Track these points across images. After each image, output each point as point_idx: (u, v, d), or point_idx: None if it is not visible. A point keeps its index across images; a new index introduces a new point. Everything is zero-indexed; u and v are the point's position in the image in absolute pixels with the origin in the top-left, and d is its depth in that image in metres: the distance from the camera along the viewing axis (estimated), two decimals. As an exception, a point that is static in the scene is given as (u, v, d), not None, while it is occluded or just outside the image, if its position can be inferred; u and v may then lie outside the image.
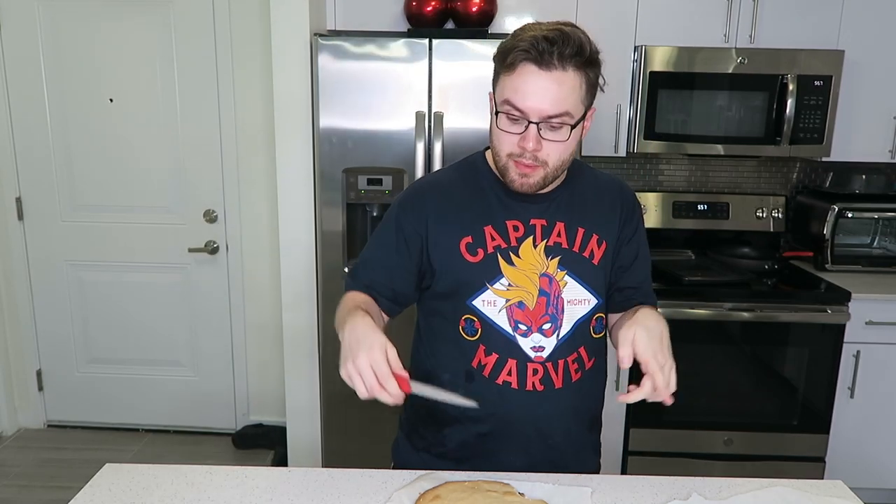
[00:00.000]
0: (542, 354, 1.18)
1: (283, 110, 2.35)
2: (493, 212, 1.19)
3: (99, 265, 2.99)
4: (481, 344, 1.18)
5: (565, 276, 1.19)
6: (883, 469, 2.55)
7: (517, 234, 1.18)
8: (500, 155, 1.13)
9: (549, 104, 1.06)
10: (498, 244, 1.17)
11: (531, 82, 1.06)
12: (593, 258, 1.21)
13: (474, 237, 1.18)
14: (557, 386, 1.20)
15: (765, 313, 2.40)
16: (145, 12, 2.75)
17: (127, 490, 1.10)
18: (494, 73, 1.13)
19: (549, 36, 1.04)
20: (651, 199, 2.87)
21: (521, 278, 1.17)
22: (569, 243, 1.20)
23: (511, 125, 1.09)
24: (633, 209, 1.30)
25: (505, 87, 1.09)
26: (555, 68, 1.05)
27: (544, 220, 1.19)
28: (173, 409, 3.10)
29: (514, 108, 1.07)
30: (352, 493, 1.10)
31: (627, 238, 1.27)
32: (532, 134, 1.07)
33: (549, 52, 1.04)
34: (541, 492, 1.11)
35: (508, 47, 1.08)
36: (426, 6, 2.40)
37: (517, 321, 1.17)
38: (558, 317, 1.19)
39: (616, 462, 2.55)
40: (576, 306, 1.20)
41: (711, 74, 2.46)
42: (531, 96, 1.06)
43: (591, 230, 1.22)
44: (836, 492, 1.15)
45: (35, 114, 2.85)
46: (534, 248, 1.18)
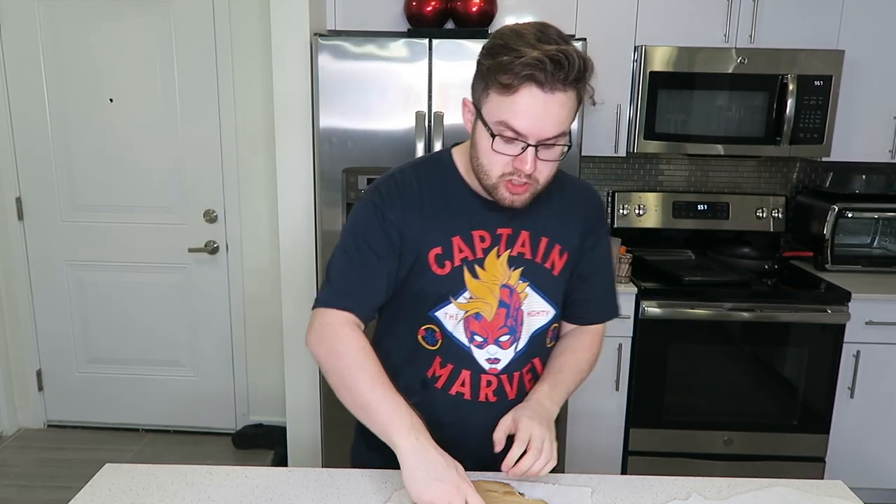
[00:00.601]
0: (496, 367, 1.18)
1: (283, 110, 2.35)
2: (461, 221, 1.15)
3: (99, 265, 2.99)
4: (438, 355, 1.17)
5: (527, 287, 1.18)
6: (883, 469, 2.55)
7: (483, 244, 1.15)
8: (490, 175, 1.07)
9: (550, 127, 1.02)
10: (465, 256, 1.14)
11: (534, 106, 1.00)
12: (554, 269, 1.20)
13: (444, 248, 1.14)
14: (511, 397, 1.20)
15: (765, 313, 2.40)
16: (145, 12, 2.75)
17: (127, 490, 1.10)
18: (482, 85, 1.04)
19: (555, 58, 0.97)
20: (651, 199, 2.87)
21: (483, 290, 1.15)
22: (532, 254, 1.18)
23: (506, 146, 1.03)
24: (597, 218, 1.26)
25: (501, 107, 1.02)
26: (559, 91, 1.00)
27: (510, 228, 1.16)
28: (173, 409, 3.10)
29: (513, 130, 1.02)
30: (352, 493, 1.10)
31: (589, 248, 1.24)
32: (530, 156, 1.03)
33: (553, 76, 0.98)
34: (541, 492, 1.11)
35: (505, 65, 0.99)
36: (426, 6, 2.40)
37: (473, 332, 1.16)
38: (517, 329, 1.18)
39: (616, 462, 2.55)
40: (534, 318, 1.19)
41: (711, 74, 2.46)
42: (533, 120, 1.01)
43: (555, 240, 1.19)
44: (836, 492, 1.15)
45: (35, 114, 2.85)
46: (497, 259, 1.15)
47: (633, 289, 2.42)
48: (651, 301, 2.40)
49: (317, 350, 1.12)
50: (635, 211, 2.86)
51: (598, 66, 2.72)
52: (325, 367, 1.11)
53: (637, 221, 2.86)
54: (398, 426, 1.01)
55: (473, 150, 1.10)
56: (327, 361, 1.10)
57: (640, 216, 2.86)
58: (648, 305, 2.39)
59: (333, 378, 1.10)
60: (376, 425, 1.03)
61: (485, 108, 1.05)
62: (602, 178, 2.96)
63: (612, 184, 2.95)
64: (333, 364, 1.09)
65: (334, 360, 1.09)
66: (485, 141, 1.05)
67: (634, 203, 2.86)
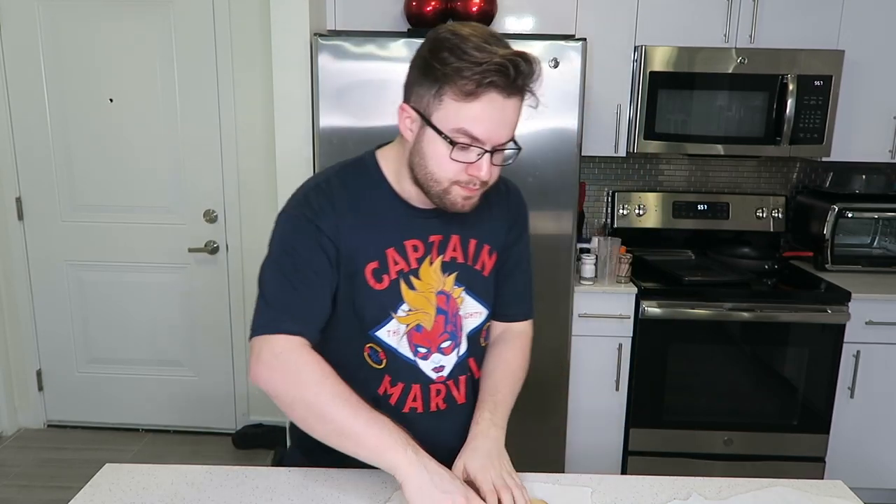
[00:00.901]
0: (443, 374, 1.17)
1: (283, 110, 2.35)
2: (393, 232, 1.11)
3: (99, 265, 2.99)
4: (387, 374, 1.14)
5: (462, 292, 1.17)
6: (883, 469, 2.55)
7: (417, 254, 1.12)
8: (441, 181, 1.03)
9: (506, 133, 1.01)
10: (401, 268, 1.11)
11: (493, 112, 0.98)
12: (485, 269, 1.19)
13: (380, 262, 1.10)
14: (460, 402, 1.20)
15: (765, 313, 2.40)
16: (145, 12, 2.75)
17: (127, 490, 1.10)
18: (432, 91, 0.99)
19: (516, 62, 0.96)
20: (651, 199, 2.87)
21: (420, 301, 1.13)
22: (464, 257, 1.16)
23: (461, 154, 1.00)
24: (518, 213, 1.25)
25: (459, 114, 0.97)
26: (515, 96, 0.99)
27: (441, 234, 1.14)
28: (173, 409, 3.10)
29: (472, 137, 0.99)
30: (352, 493, 1.10)
31: (511, 244, 1.24)
32: (486, 163, 1.01)
33: (514, 81, 0.97)
34: (541, 492, 1.11)
35: (464, 71, 0.95)
36: (426, 6, 2.40)
37: (417, 345, 1.14)
38: (457, 334, 1.17)
39: (616, 462, 2.55)
40: (469, 319, 1.19)
41: (711, 74, 2.46)
42: (493, 126, 0.99)
43: (483, 240, 1.18)
44: (836, 492, 1.14)
45: (35, 114, 2.85)
46: (431, 266, 1.13)
47: (633, 289, 2.42)
48: (651, 301, 2.40)
49: (273, 383, 1.02)
50: (635, 211, 2.86)
51: (597, 66, 2.72)
52: (287, 399, 1.02)
53: (637, 221, 2.86)
54: (393, 446, 0.97)
55: (418, 158, 1.04)
56: (289, 394, 1.01)
57: (640, 216, 2.86)
58: (648, 305, 2.39)
59: (299, 410, 1.02)
60: (365, 450, 0.98)
61: (437, 114, 1.00)
62: (602, 178, 2.96)
63: (612, 184, 2.96)
64: (299, 395, 1.01)
65: (299, 390, 1.01)
66: (439, 149, 1.01)
67: (634, 203, 2.86)
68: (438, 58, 0.98)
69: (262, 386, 1.03)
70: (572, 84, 2.19)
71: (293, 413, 1.03)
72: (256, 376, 1.04)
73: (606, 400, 2.50)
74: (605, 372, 2.47)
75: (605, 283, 2.46)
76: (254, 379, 1.04)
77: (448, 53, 0.97)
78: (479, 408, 1.15)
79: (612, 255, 2.47)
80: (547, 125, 2.22)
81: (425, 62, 1.00)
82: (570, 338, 2.40)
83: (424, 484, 0.95)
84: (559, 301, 2.36)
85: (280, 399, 1.03)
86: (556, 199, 2.28)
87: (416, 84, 1.03)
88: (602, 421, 2.52)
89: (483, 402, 1.16)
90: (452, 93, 0.97)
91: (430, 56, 0.99)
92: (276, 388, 1.02)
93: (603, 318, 2.43)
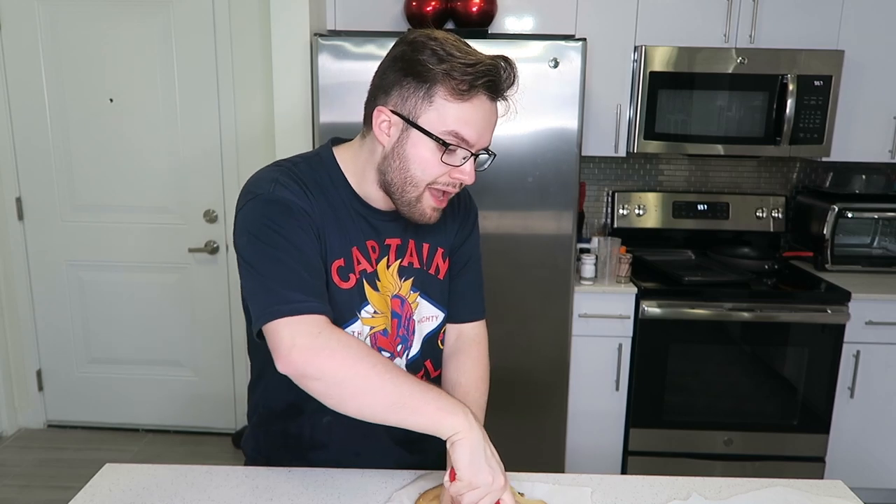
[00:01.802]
0: None
1: (283, 110, 2.35)
2: (355, 231, 1.08)
3: (99, 265, 2.99)
4: None
5: (418, 297, 1.16)
6: (883, 469, 2.55)
7: (375, 255, 1.11)
8: (419, 186, 1.02)
9: (490, 136, 1.02)
10: (364, 268, 1.09)
11: (484, 114, 0.99)
12: (439, 273, 1.19)
13: (346, 260, 1.07)
14: None
15: (765, 313, 2.40)
16: (145, 12, 2.75)
17: (127, 490, 1.10)
18: (421, 92, 0.97)
19: (503, 66, 0.97)
20: (651, 199, 2.87)
21: (382, 303, 1.12)
22: (420, 262, 1.16)
23: (449, 157, 1.00)
24: (467, 213, 1.24)
25: (449, 115, 0.96)
26: (501, 99, 1.01)
27: (398, 238, 1.13)
28: (173, 409, 3.10)
29: (462, 140, 0.98)
30: (352, 493, 1.10)
31: (460, 243, 1.23)
32: (471, 166, 1.01)
33: (503, 84, 0.98)
34: (541, 491, 1.11)
35: (457, 69, 0.95)
36: (426, 6, 2.40)
37: (381, 348, 1.12)
38: (409, 338, 1.16)
39: (616, 462, 2.55)
40: (424, 324, 1.18)
41: (711, 74, 2.46)
42: (482, 129, 0.99)
43: (436, 244, 1.18)
44: (836, 492, 1.14)
45: (35, 114, 2.85)
46: (388, 269, 1.12)
47: (633, 289, 2.42)
48: (651, 301, 2.40)
49: (319, 365, 0.94)
50: (635, 211, 2.86)
51: (598, 66, 2.72)
52: (337, 378, 0.94)
53: (637, 221, 2.86)
54: (453, 410, 0.94)
55: (398, 163, 1.01)
56: (341, 372, 0.94)
57: (640, 216, 2.86)
58: (648, 305, 2.39)
59: (351, 387, 0.94)
60: (424, 418, 0.94)
61: (425, 116, 0.98)
62: (602, 178, 2.96)
63: (612, 184, 2.96)
64: (352, 372, 0.94)
65: (352, 366, 0.94)
66: (425, 152, 0.99)
67: (634, 203, 2.86)
68: (425, 58, 0.96)
69: (303, 369, 0.94)
70: (572, 84, 2.19)
71: (343, 391, 0.95)
72: (292, 362, 0.93)
73: (606, 400, 2.50)
74: (605, 372, 2.47)
75: (605, 283, 2.46)
76: (287, 366, 0.94)
77: (432, 53, 0.96)
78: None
79: (612, 255, 2.47)
80: (547, 125, 2.22)
81: (411, 63, 0.98)
82: (570, 338, 2.41)
83: (478, 450, 0.93)
84: (559, 301, 2.36)
85: (327, 380, 0.94)
86: (556, 199, 2.28)
87: (397, 86, 1.00)
88: (602, 421, 2.52)
89: None
90: (445, 92, 0.96)
91: (416, 56, 0.97)
92: (324, 369, 0.94)
93: (603, 318, 2.43)
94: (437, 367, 1.24)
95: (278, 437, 1.20)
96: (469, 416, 0.95)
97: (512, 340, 2.35)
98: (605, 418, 2.52)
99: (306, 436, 1.18)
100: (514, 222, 2.30)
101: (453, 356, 1.23)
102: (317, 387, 0.96)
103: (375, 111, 1.02)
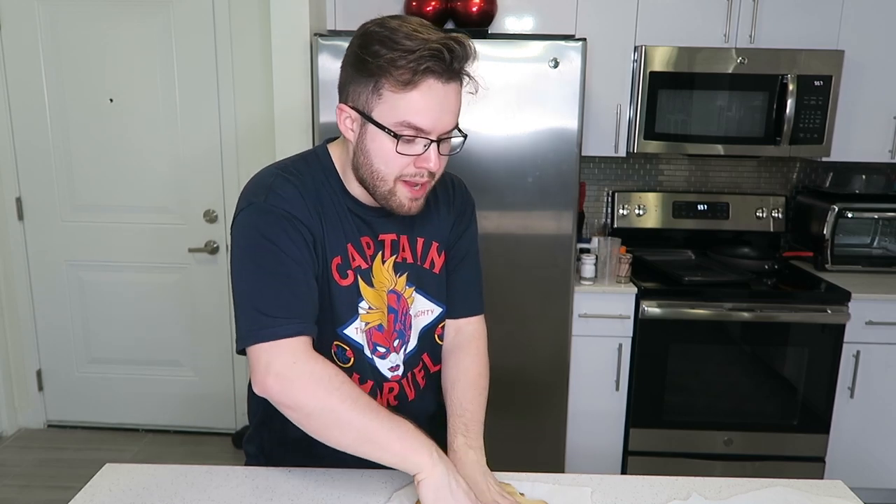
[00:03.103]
0: (398, 374, 1.17)
1: (283, 110, 2.35)
2: (350, 228, 1.09)
3: (99, 265, 2.99)
4: (355, 372, 1.12)
5: (413, 292, 1.16)
6: (883, 469, 2.55)
7: (370, 251, 1.11)
8: (387, 179, 1.01)
9: (450, 120, 0.99)
10: (359, 265, 1.10)
11: (435, 99, 0.96)
12: (434, 267, 1.19)
13: (342, 257, 1.08)
14: (411, 398, 1.20)
15: (765, 313, 2.40)
16: (145, 12, 2.75)
17: (127, 490, 1.10)
18: (370, 87, 0.97)
19: (450, 46, 0.94)
20: (651, 199, 2.87)
21: (377, 299, 1.12)
22: (414, 257, 1.16)
23: (407, 147, 0.98)
24: (464, 208, 1.23)
25: (399, 106, 0.96)
26: (454, 80, 0.97)
27: (392, 234, 1.13)
28: (173, 409, 3.10)
29: (415, 128, 0.97)
30: (352, 493, 1.10)
31: (457, 238, 1.22)
32: (434, 153, 0.99)
33: (451, 65, 0.95)
34: (541, 492, 1.11)
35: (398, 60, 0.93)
36: (426, 6, 2.40)
37: (377, 344, 1.13)
38: (406, 332, 1.17)
39: (616, 462, 2.55)
40: (420, 318, 1.19)
41: (711, 74, 2.46)
42: (436, 114, 0.97)
43: (431, 238, 1.18)
44: (836, 492, 1.14)
45: (35, 114, 2.85)
46: (383, 265, 1.12)
47: (633, 289, 2.42)
48: (651, 301, 2.40)
49: (293, 395, 0.96)
50: (635, 211, 2.86)
51: (598, 66, 2.72)
52: (308, 409, 0.97)
53: (637, 221, 2.86)
54: (418, 449, 0.97)
55: (363, 158, 1.02)
56: (312, 403, 0.96)
57: (640, 216, 2.86)
58: (648, 305, 2.39)
59: (322, 419, 0.97)
60: (389, 454, 0.97)
61: (377, 110, 0.98)
62: (602, 178, 2.96)
63: (612, 184, 2.96)
64: (323, 404, 0.96)
65: (325, 399, 0.96)
66: (384, 145, 0.99)
67: (634, 203, 2.86)
68: (370, 51, 0.96)
69: (277, 398, 0.98)
70: (572, 84, 2.19)
71: (314, 422, 0.98)
72: (267, 389, 0.97)
73: (606, 400, 2.50)
74: (605, 372, 2.47)
75: (605, 284, 2.46)
76: (263, 391, 0.98)
77: (379, 46, 0.95)
78: (451, 432, 1.13)
79: (612, 255, 2.47)
80: (547, 125, 2.22)
81: (357, 58, 0.98)
82: (570, 338, 2.41)
83: (442, 487, 0.95)
84: (559, 301, 2.36)
85: (300, 410, 0.97)
86: (556, 199, 2.28)
87: (351, 82, 1.01)
88: (602, 421, 2.52)
89: (453, 426, 1.14)
90: (390, 84, 0.96)
91: (361, 51, 0.98)
92: (297, 400, 0.97)
93: (603, 318, 2.43)
94: (436, 362, 1.24)
95: (281, 436, 1.20)
96: (433, 454, 0.97)
97: (512, 340, 2.35)
98: (605, 418, 2.52)
99: (308, 434, 1.17)
100: (514, 222, 2.30)
101: (452, 353, 1.23)
102: (290, 414, 0.99)
103: (337, 108, 1.04)
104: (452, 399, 1.17)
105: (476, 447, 1.11)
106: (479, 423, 1.16)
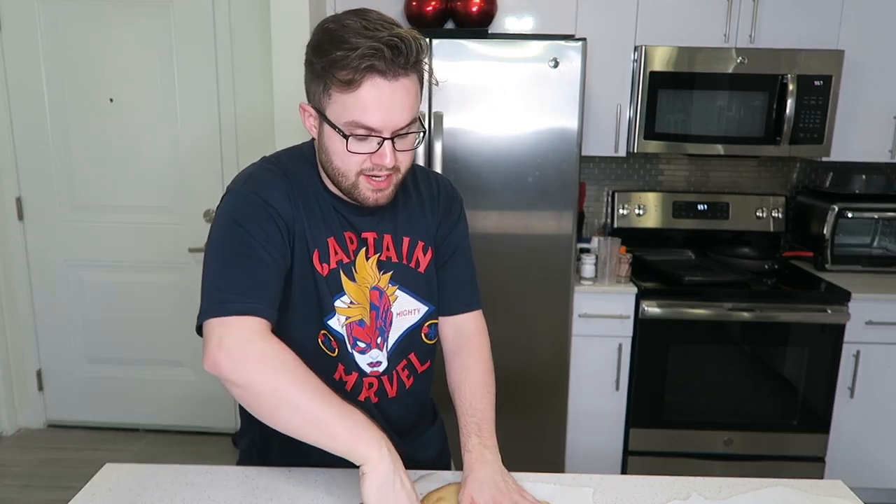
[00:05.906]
0: (378, 370, 1.16)
1: (283, 110, 2.35)
2: (332, 222, 1.10)
3: (99, 265, 2.99)
4: (340, 363, 1.13)
5: (396, 290, 1.16)
6: (883, 469, 2.55)
7: (353, 246, 1.11)
8: (348, 175, 1.02)
9: (401, 116, 0.98)
10: (340, 258, 1.10)
11: (380, 97, 0.96)
12: (420, 266, 1.19)
13: (321, 250, 1.08)
14: (391, 395, 1.19)
15: (765, 313, 2.40)
16: (145, 12, 2.75)
17: (127, 490, 1.10)
18: (320, 87, 0.98)
19: (391, 43, 0.93)
20: (651, 199, 2.87)
21: (359, 294, 1.12)
22: (398, 256, 1.16)
23: (361, 144, 0.99)
24: (450, 204, 1.23)
25: (347, 105, 0.96)
26: (402, 77, 0.97)
27: (375, 232, 1.13)
28: (173, 409, 3.10)
29: (365, 127, 0.97)
30: (352, 493, 1.10)
31: (445, 234, 1.22)
32: (388, 150, 0.99)
33: (393, 62, 0.94)
34: (543, 492, 1.11)
35: (340, 61, 0.93)
36: (426, 6, 2.40)
37: (356, 338, 1.13)
38: (386, 329, 1.16)
39: (616, 462, 2.55)
40: (404, 317, 1.18)
41: (711, 74, 2.46)
42: (384, 112, 0.96)
43: (416, 237, 1.18)
44: (836, 492, 1.14)
45: (35, 114, 2.85)
46: (367, 261, 1.13)
47: (633, 289, 2.42)
48: (651, 301, 2.40)
49: (242, 372, 0.94)
50: (635, 211, 2.86)
51: (598, 66, 2.72)
52: (256, 389, 0.95)
53: (637, 221, 2.86)
54: (367, 440, 0.94)
55: (324, 156, 1.04)
56: (260, 383, 0.95)
57: (640, 216, 2.86)
58: (648, 305, 2.39)
59: (270, 400, 0.95)
60: (336, 442, 0.94)
61: (329, 109, 0.99)
62: (602, 178, 2.96)
63: (612, 184, 2.96)
64: (272, 385, 0.94)
65: (274, 380, 0.94)
66: (337, 144, 1.00)
67: (634, 203, 2.86)
68: (318, 51, 0.97)
69: (226, 374, 0.95)
70: (572, 84, 2.19)
71: (262, 402, 0.96)
72: (218, 364, 0.96)
73: (606, 400, 2.50)
74: (605, 372, 2.47)
75: (605, 283, 2.46)
76: (214, 367, 0.96)
77: (328, 44, 0.96)
78: (464, 433, 1.13)
79: (612, 255, 2.47)
80: (547, 125, 2.22)
81: (308, 60, 0.99)
82: (571, 338, 2.41)
83: (386, 483, 0.93)
84: (559, 301, 2.36)
85: (249, 389, 0.95)
86: (556, 199, 2.28)
87: (307, 82, 1.02)
88: (602, 421, 2.52)
89: (465, 427, 1.13)
90: (336, 85, 0.96)
91: (311, 52, 0.99)
92: (246, 378, 0.95)
93: (603, 318, 2.43)
94: (424, 361, 1.23)
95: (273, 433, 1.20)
96: (382, 448, 0.94)
97: (512, 340, 2.35)
98: (605, 418, 2.52)
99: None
100: (514, 222, 2.30)
101: (455, 354, 1.23)
102: (238, 393, 0.97)
103: (300, 106, 1.05)
104: (461, 400, 1.17)
105: (491, 446, 1.11)
106: (490, 420, 1.16)
